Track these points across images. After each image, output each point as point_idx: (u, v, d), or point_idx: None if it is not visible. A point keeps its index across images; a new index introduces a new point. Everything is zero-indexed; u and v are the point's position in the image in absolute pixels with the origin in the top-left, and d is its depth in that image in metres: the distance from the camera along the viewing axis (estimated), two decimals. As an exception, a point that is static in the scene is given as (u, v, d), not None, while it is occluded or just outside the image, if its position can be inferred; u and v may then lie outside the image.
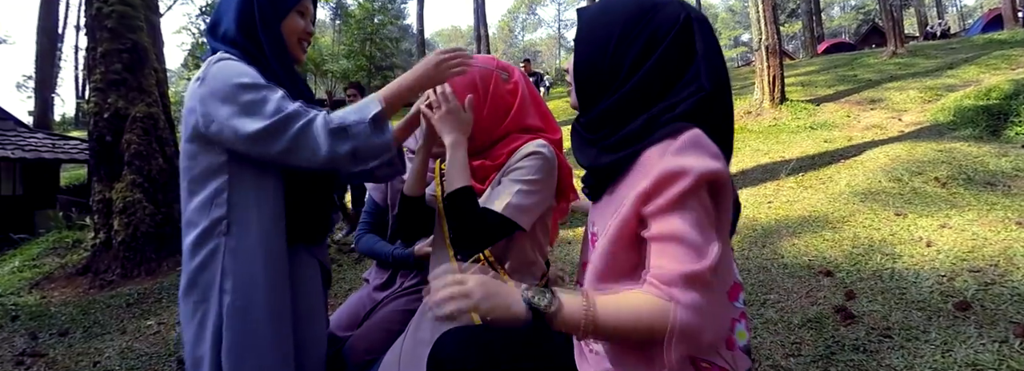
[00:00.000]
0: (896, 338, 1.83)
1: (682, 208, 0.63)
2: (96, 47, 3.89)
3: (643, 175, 0.66)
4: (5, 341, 2.62)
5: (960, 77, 7.22)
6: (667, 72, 0.70)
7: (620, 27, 0.72)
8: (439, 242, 1.12)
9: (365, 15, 20.04)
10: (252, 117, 0.88)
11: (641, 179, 0.66)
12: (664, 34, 0.70)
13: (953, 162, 3.66)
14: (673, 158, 0.64)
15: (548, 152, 1.00)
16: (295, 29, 1.05)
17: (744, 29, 49.62)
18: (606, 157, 0.73)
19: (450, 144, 0.98)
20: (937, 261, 2.32)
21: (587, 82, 0.76)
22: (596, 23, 0.75)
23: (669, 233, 0.63)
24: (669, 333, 0.59)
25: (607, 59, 0.72)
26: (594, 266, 0.70)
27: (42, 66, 15.16)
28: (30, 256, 4.71)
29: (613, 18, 0.73)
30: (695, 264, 0.60)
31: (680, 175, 0.62)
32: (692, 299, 0.60)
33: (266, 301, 0.93)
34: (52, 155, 7.12)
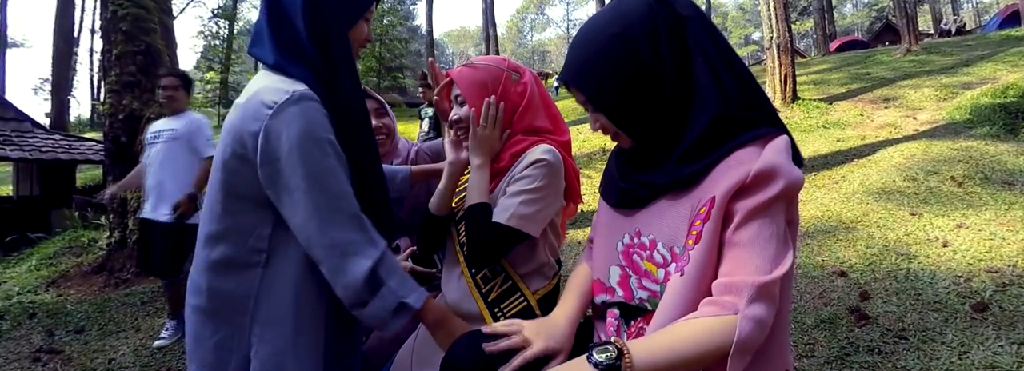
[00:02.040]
0: (912, 339, 1.80)
1: (766, 214, 0.62)
2: (111, 49, 3.95)
3: (732, 172, 0.64)
4: (23, 338, 2.67)
5: (977, 74, 7.10)
6: (680, 50, 0.69)
7: (613, 56, 0.70)
8: (451, 256, 1.13)
9: (374, 16, 20.18)
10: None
11: (730, 175, 0.64)
12: (652, 24, 0.69)
13: (970, 161, 3.60)
14: (770, 156, 0.62)
15: (553, 158, 1.00)
16: (359, 37, 0.94)
17: (755, 28, 49.19)
18: (689, 167, 0.69)
19: (477, 165, 1.02)
20: (954, 261, 2.28)
21: (630, 119, 0.74)
22: (590, 70, 0.73)
23: (750, 240, 0.62)
24: (735, 346, 0.59)
25: (631, 85, 0.71)
26: (693, 278, 0.65)
27: (58, 69, 15.43)
28: (46, 255, 4.80)
29: (599, 56, 0.72)
30: (766, 275, 0.60)
31: (774, 177, 0.61)
32: (757, 312, 0.59)
33: (300, 339, 0.85)
34: (68, 156, 7.24)
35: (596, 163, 5.80)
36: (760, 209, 0.62)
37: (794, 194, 0.64)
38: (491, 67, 1.06)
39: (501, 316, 1.00)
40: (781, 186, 0.61)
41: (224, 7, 23.54)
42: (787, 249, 0.62)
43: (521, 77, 1.07)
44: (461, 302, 1.05)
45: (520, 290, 1.02)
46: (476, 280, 1.04)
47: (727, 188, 0.63)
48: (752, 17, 48.79)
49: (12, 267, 4.66)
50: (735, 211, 0.63)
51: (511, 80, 1.06)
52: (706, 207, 0.64)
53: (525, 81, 1.08)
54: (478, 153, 1.02)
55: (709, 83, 0.68)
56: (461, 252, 1.07)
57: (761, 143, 0.65)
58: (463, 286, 1.05)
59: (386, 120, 1.38)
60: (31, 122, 7.86)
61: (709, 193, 0.65)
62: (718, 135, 0.67)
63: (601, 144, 6.67)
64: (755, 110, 0.68)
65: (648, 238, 0.74)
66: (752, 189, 0.62)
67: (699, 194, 0.67)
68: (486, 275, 1.03)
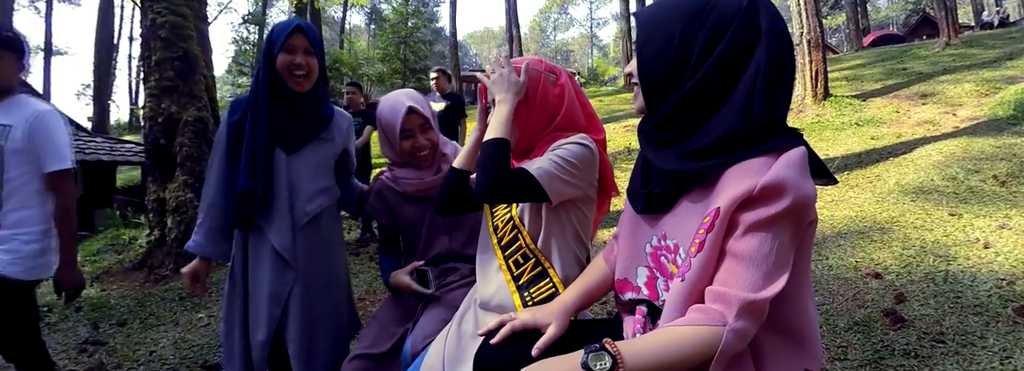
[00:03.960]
0: (950, 344, 1.74)
1: (769, 229, 0.62)
2: (150, 56, 4.11)
3: (740, 182, 0.64)
4: (70, 330, 2.81)
5: (1022, 68, 6.78)
6: (735, 58, 0.69)
7: (682, 20, 0.71)
8: (485, 234, 1.14)
9: (399, 19, 20.46)
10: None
11: (738, 185, 0.64)
12: (727, 22, 0.69)
13: (1013, 159, 3.45)
14: (780, 170, 0.62)
15: (590, 143, 1.02)
16: (283, 65, 1.33)
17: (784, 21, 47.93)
18: (693, 164, 0.70)
19: (498, 100, 1.02)
20: (995, 264, 2.19)
21: (654, 81, 0.74)
22: (657, 20, 0.74)
23: (747, 253, 0.63)
24: (718, 357, 0.62)
25: (673, 54, 0.71)
26: (691, 284, 0.67)
27: (99, 75, 16.16)
28: (90, 252, 5.03)
29: (673, 14, 0.72)
30: (758, 293, 0.62)
31: (782, 193, 0.61)
32: (742, 327, 0.62)
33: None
34: (110, 158, 7.57)
35: (621, 162, 5.76)
36: (763, 224, 0.62)
37: (804, 211, 0.63)
38: (533, 70, 1.07)
39: (529, 300, 1.02)
40: (788, 202, 0.61)
41: (254, 13, 24.23)
42: (784, 269, 0.63)
43: (558, 78, 1.08)
44: (496, 293, 1.07)
45: (549, 276, 1.03)
46: (508, 264, 1.06)
47: (732, 199, 0.63)
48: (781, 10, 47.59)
49: (60, 264, 4.90)
50: (739, 222, 0.64)
51: (548, 82, 1.07)
52: (711, 217, 0.65)
53: (562, 82, 1.08)
54: (499, 89, 1.02)
55: (743, 99, 0.67)
56: (495, 235, 1.09)
57: (775, 155, 0.65)
58: (500, 277, 1.07)
59: (430, 135, 1.37)
60: (75, 126, 8.25)
61: (716, 202, 0.66)
62: (728, 144, 0.67)
63: (626, 143, 6.63)
64: (771, 128, 0.68)
65: (673, 242, 0.75)
66: (758, 202, 0.62)
67: (711, 201, 0.68)
68: (517, 260, 1.06)
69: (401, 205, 1.43)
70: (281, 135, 1.36)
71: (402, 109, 1.31)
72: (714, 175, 0.68)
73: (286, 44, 1.31)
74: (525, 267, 1.05)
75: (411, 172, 1.40)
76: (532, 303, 1.01)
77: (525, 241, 1.05)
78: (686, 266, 0.68)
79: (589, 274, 0.97)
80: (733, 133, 0.67)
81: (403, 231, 1.46)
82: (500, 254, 1.07)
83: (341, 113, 1.54)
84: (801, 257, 0.69)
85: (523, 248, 1.05)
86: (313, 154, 1.42)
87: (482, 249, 1.16)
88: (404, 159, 1.39)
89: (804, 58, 6.34)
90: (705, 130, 0.70)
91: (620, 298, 0.86)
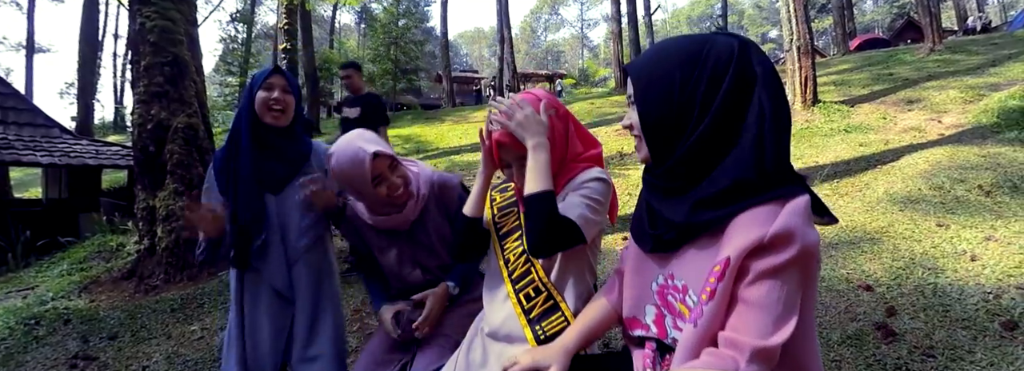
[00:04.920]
0: (940, 358, 1.78)
1: (778, 276, 0.64)
2: (139, 61, 4.06)
3: (749, 231, 0.65)
4: (59, 344, 2.77)
5: (1004, 75, 6.93)
6: (737, 103, 0.70)
7: (680, 69, 0.72)
8: (494, 267, 1.14)
9: (390, 20, 20.34)
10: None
11: (747, 234, 0.65)
12: (724, 67, 0.70)
13: (997, 169, 3.52)
14: (788, 219, 0.64)
15: (608, 178, 1.04)
16: (261, 101, 1.41)
17: (772, 26, 48.50)
18: (707, 214, 0.71)
19: (533, 146, 0.98)
20: (982, 277, 2.24)
21: (658, 134, 0.75)
22: (654, 71, 0.74)
23: (757, 300, 0.65)
24: None
25: (674, 106, 0.72)
26: (703, 330, 0.68)
27: (83, 74, 15.85)
28: (77, 259, 4.95)
29: (669, 64, 0.73)
30: (768, 339, 0.63)
31: (791, 242, 0.63)
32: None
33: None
34: (95, 161, 7.44)
35: (614, 167, 5.79)
36: (773, 271, 0.64)
37: (810, 258, 0.66)
38: (546, 107, 1.05)
39: (542, 335, 1.03)
40: (796, 250, 0.63)
41: (242, 11, 23.94)
42: (793, 313, 0.65)
43: (557, 111, 1.08)
44: (505, 323, 1.07)
45: (561, 309, 1.04)
46: (519, 298, 1.06)
47: (742, 249, 0.65)
48: (769, 15, 48.13)
49: (44, 271, 4.82)
50: (749, 269, 0.66)
51: (554, 118, 1.06)
52: (721, 266, 0.67)
53: (562, 113, 1.09)
54: (529, 134, 0.98)
55: (750, 144, 0.69)
56: (506, 268, 1.09)
57: (781, 203, 0.66)
58: (508, 306, 1.07)
59: (400, 171, 1.34)
60: (59, 128, 8.10)
61: (724, 251, 0.67)
62: (739, 192, 0.68)
63: (618, 148, 6.66)
64: (781, 173, 0.69)
65: (681, 282, 0.77)
66: (768, 251, 0.64)
67: (720, 249, 0.69)
68: (529, 294, 1.06)
69: (371, 235, 1.42)
70: (264, 178, 1.42)
71: (365, 156, 1.22)
72: (729, 220, 0.70)
73: (264, 83, 1.41)
74: (536, 300, 1.05)
75: (380, 207, 1.35)
76: (544, 338, 1.01)
77: (538, 275, 1.06)
78: (698, 312, 0.70)
79: (590, 312, 0.98)
80: (743, 180, 0.68)
81: (375, 256, 1.46)
82: (511, 287, 1.08)
83: (318, 145, 1.57)
84: (807, 297, 0.70)
85: (535, 282, 1.06)
86: (297, 191, 1.46)
87: (490, 278, 1.16)
88: (382, 205, 1.33)
89: (794, 64, 6.42)
90: (714, 178, 0.71)
91: (629, 334, 0.87)
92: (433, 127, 13.00)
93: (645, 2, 22.89)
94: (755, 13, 51.76)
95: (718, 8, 39.53)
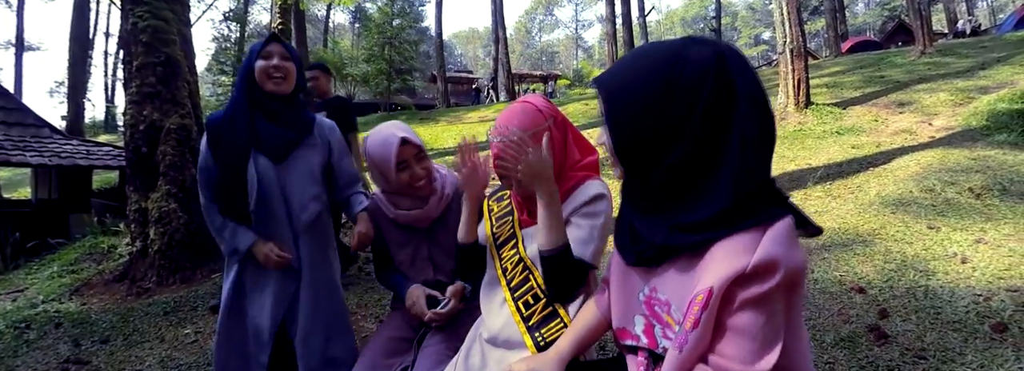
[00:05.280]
0: (931, 360, 1.80)
1: (763, 304, 0.64)
2: (132, 61, 4.02)
3: (730, 260, 0.64)
4: (50, 348, 2.73)
5: (993, 78, 7.01)
6: (716, 126, 0.66)
7: (650, 91, 0.66)
8: (492, 275, 1.15)
9: (385, 19, 20.27)
10: None
11: (729, 264, 0.64)
12: (700, 84, 0.65)
13: (987, 171, 3.57)
14: (770, 247, 0.63)
15: (608, 192, 1.05)
16: (261, 71, 1.41)
17: (765, 27, 48.81)
18: (685, 238, 0.69)
19: (546, 199, 0.97)
20: (973, 279, 2.27)
21: (631, 157, 0.72)
22: (622, 93, 0.69)
23: (743, 328, 0.64)
24: None
25: (647, 130, 0.68)
26: (688, 356, 0.68)
27: (74, 73, 15.69)
28: (67, 261, 4.89)
29: (639, 83, 0.67)
30: (755, 365, 0.64)
31: (774, 270, 0.62)
32: None
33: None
34: (87, 162, 7.36)
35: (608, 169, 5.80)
36: (757, 300, 0.63)
37: (795, 282, 0.65)
38: (538, 126, 1.04)
39: (541, 341, 1.03)
40: (780, 278, 0.62)
41: (235, 10, 23.78)
42: (779, 337, 0.65)
43: (555, 119, 1.08)
44: (504, 328, 1.08)
45: (560, 316, 1.05)
46: (518, 305, 1.06)
47: (725, 278, 0.64)
48: (762, 17, 48.43)
49: (34, 273, 4.76)
50: (734, 297, 0.64)
51: (553, 127, 1.06)
52: (705, 296, 0.65)
53: (561, 121, 1.09)
54: (542, 180, 0.95)
55: (732, 169, 0.65)
56: (504, 277, 1.10)
57: (762, 229, 0.64)
58: (506, 312, 1.08)
59: (426, 163, 1.37)
60: (50, 128, 8.01)
61: (705, 280, 0.65)
62: (719, 220, 0.66)
63: (612, 150, 6.67)
64: (762, 195, 0.67)
65: (664, 296, 0.76)
66: (751, 280, 0.63)
67: (700, 273, 0.68)
68: (528, 301, 1.06)
69: (390, 229, 1.43)
70: (266, 144, 1.40)
71: (395, 141, 1.30)
72: (710, 245, 0.68)
73: (263, 52, 1.41)
74: (535, 307, 1.06)
75: (403, 200, 1.39)
76: (544, 344, 1.02)
77: (537, 282, 1.06)
78: (683, 339, 0.68)
79: (582, 320, 0.98)
80: (724, 210, 0.66)
81: (391, 251, 1.47)
82: (509, 295, 1.08)
83: (321, 119, 1.58)
84: (795, 308, 0.70)
85: (534, 289, 1.06)
86: (301, 162, 1.46)
87: (488, 285, 1.16)
88: (401, 191, 1.39)
89: (787, 66, 6.47)
90: (692, 204, 0.68)
91: (620, 343, 0.87)
92: (428, 128, 12.98)
93: (640, 3, 22.98)
94: (748, 14, 52.08)
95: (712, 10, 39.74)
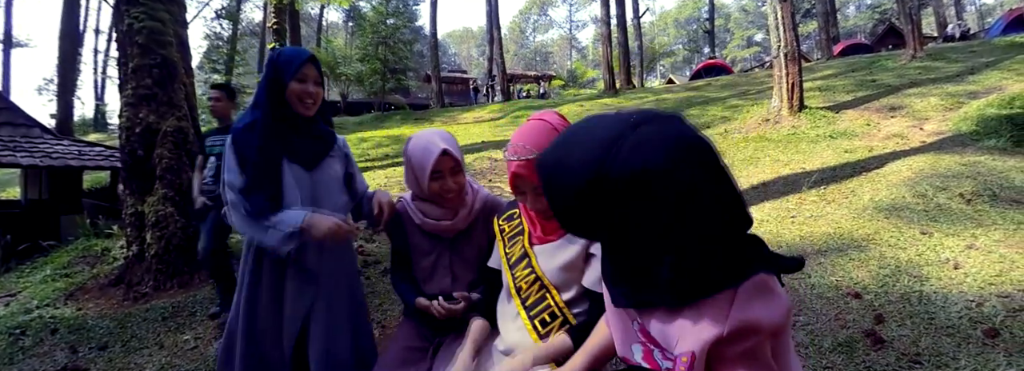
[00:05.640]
0: (926, 364, 1.84)
1: (747, 361, 0.65)
2: (127, 63, 3.98)
3: (704, 325, 0.65)
4: (46, 355, 2.71)
5: (982, 83, 7.12)
6: (663, 223, 0.62)
7: (581, 200, 0.63)
8: (506, 295, 1.17)
9: (379, 19, 20.17)
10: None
11: (704, 329, 0.65)
12: (640, 194, 0.60)
13: (978, 177, 3.63)
14: (740, 313, 0.63)
15: None
16: (293, 93, 1.40)
17: (757, 29, 49.14)
18: (655, 300, 0.71)
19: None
20: (965, 285, 2.31)
21: (574, 231, 0.72)
22: (555, 178, 0.66)
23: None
24: None
25: (589, 230, 0.69)
26: None
27: (64, 71, 15.49)
28: (61, 264, 4.84)
29: (569, 189, 0.63)
30: None
31: (751, 331, 0.63)
32: None
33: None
34: (78, 162, 7.28)
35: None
36: (744, 355, 0.65)
37: (779, 330, 0.66)
38: (543, 145, 1.01)
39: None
40: (761, 335, 0.64)
41: (228, 8, 23.59)
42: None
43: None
44: (520, 343, 1.09)
45: None
46: (534, 323, 1.07)
47: (703, 343, 0.65)
48: (755, 19, 48.76)
49: (26, 277, 4.69)
50: (721, 354, 0.66)
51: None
52: (689, 359, 0.66)
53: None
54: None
55: (693, 256, 0.64)
56: (518, 296, 1.11)
57: (730, 293, 0.64)
58: (522, 327, 1.09)
59: (459, 178, 1.37)
60: (40, 128, 7.91)
61: (687, 343, 0.66)
62: (684, 294, 0.67)
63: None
64: (730, 260, 0.66)
65: (653, 333, 0.77)
66: (731, 341, 0.64)
67: (677, 331, 0.69)
68: (544, 319, 1.08)
69: (414, 233, 1.44)
70: (298, 154, 1.43)
71: (436, 150, 1.30)
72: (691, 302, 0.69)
73: (299, 73, 1.39)
74: (552, 325, 1.07)
75: (433, 209, 1.40)
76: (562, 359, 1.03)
77: (554, 300, 1.07)
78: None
79: (595, 339, 0.99)
80: (686, 288, 0.66)
81: (412, 257, 1.47)
82: (524, 313, 1.09)
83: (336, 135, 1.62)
84: (783, 352, 0.71)
85: (551, 307, 1.07)
86: (330, 170, 1.50)
87: (503, 301, 1.18)
88: (431, 199, 1.39)
89: (781, 70, 6.53)
90: (647, 280, 0.70)
91: (626, 362, 0.89)
92: (422, 127, 12.93)
93: (634, 5, 23.07)
94: (741, 16, 52.43)
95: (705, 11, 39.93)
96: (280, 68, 1.39)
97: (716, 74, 19.62)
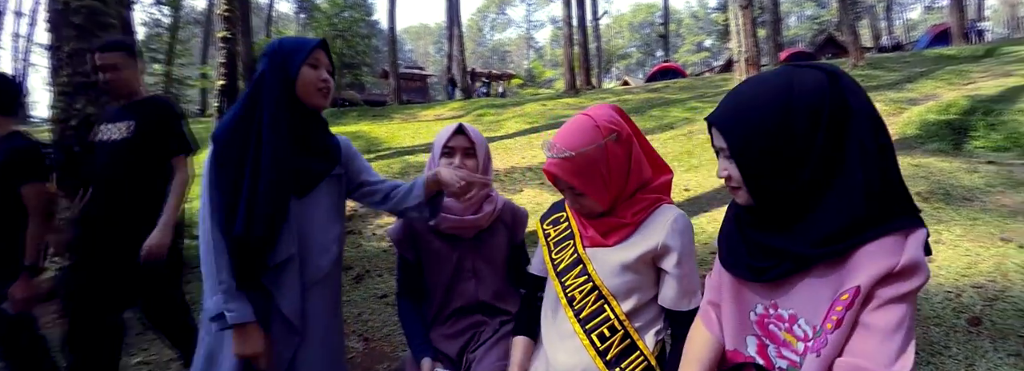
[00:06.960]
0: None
1: (903, 303, 0.65)
2: (61, 46, 3.58)
3: (877, 261, 0.66)
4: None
5: (919, 91, 7.65)
6: (838, 140, 0.70)
7: (771, 120, 0.71)
8: (553, 304, 1.07)
9: (335, 11, 19.46)
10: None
11: (876, 264, 0.66)
12: (817, 108, 0.69)
13: (930, 177, 3.86)
14: (914, 251, 0.65)
15: (685, 219, 1.00)
16: (305, 82, 1.17)
17: (706, 35, 51.29)
18: (831, 247, 0.70)
19: None
20: (941, 277, 2.42)
21: (765, 181, 0.74)
22: (744, 126, 0.73)
23: (883, 326, 0.65)
24: None
25: (774, 157, 0.72)
26: (829, 359, 0.68)
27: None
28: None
29: (759, 114, 0.72)
30: (892, 367, 0.64)
31: (917, 272, 0.65)
32: None
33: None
34: None
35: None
36: (899, 298, 0.66)
37: (921, 289, 0.68)
38: (590, 144, 0.94)
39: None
40: (921, 280, 0.66)
41: (169, -9, 22.10)
42: (912, 339, 0.66)
43: (620, 134, 0.98)
44: (576, 366, 0.99)
45: (639, 348, 0.98)
46: (591, 338, 0.98)
47: (873, 277, 0.66)
48: (705, 25, 50.83)
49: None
50: (875, 295, 0.66)
51: (613, 144, 0.97)
52: (850, 295, 0.67)
53: (625, 137, 0.99)
54: None
55: (859, 182, 0.68)
56: (570, 307, 1.01)
57: (904, 233, 0.67)
58: (576, 346, 0.99)
59: (469, 163, 1.27)
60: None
61: (853, 280, 0.67)
62: (859, 226, 0.68)
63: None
64: (897, 203, 0.70)
65: (788, 312, 0.76)
66: (897, 279, 0.66)
67: (841, 278, 0.69)
68: (603, 334, 0.98)
69: (430, 239, 1.31)
70: (293, 176, 1.13)
71: (452, 128, 1.29)
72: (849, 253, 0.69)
73: (310, 58, 1.17)
74: (612, 340, 0.98)
75: (450, 202, 1.29)
76: None
77: (615, 312, 0.98)
78: (822, 341, 0.68)
79: (701, 349, 0.91)
80: (859, 217, 0.68)
81: (426, 269, 1.34)
82: (579, 327, 0.99)
83: (339, 136, 1.33)
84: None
85: (611, 320, 0.98)
86: (325, 196, 1.21)
87: (549, 316, 1.07)
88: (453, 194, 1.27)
89: (742, 74, 6.80)
90: (827, 217, 0.70)
91: (731, 362, 0.84)
92: (382, 125, 12.58)
93: (593, 7, 23.48)
94: (692, 22, 54.52)
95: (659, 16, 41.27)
96: (288, 55, 1.14)
97: (671, 77, 20.24)
